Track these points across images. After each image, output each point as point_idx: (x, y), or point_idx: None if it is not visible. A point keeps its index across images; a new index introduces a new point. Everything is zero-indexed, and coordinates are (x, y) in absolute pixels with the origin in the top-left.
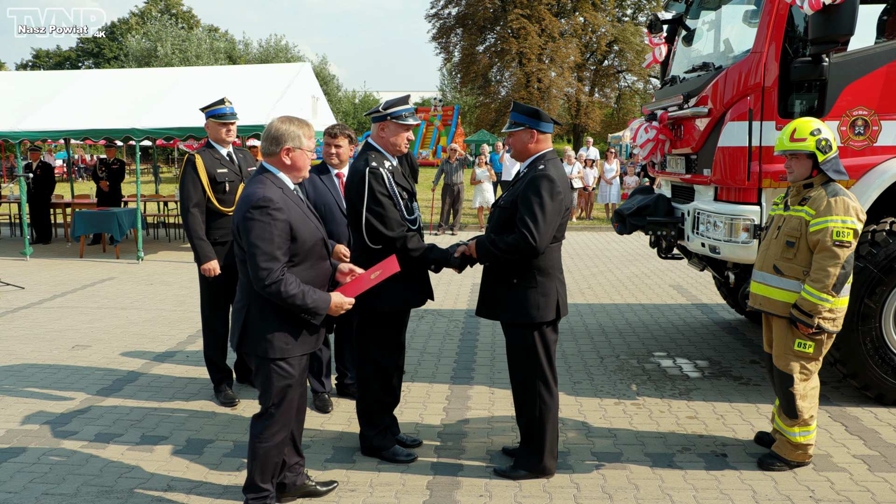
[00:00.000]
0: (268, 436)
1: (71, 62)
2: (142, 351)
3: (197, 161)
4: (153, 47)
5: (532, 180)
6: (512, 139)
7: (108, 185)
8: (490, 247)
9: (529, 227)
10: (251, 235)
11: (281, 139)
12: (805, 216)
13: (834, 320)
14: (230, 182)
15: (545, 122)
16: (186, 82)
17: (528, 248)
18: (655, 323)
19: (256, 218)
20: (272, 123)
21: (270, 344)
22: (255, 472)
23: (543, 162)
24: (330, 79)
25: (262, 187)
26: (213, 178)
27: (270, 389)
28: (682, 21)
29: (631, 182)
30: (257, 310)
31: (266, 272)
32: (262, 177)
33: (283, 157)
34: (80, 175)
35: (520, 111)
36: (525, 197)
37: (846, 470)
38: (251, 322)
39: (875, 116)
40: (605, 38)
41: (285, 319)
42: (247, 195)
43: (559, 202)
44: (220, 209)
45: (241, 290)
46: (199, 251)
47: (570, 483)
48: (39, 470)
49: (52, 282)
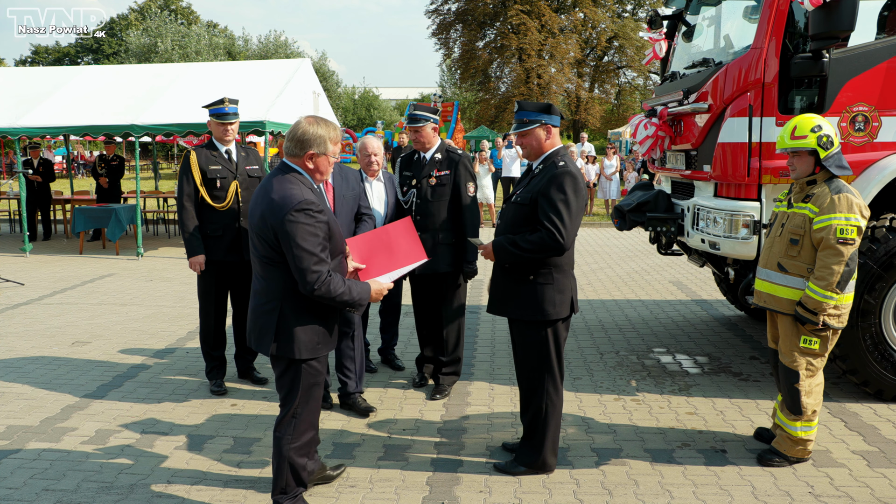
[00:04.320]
0: (296, 436)
1: (70, 58)
2: (142, 347)
3: (191, 157)
4: (153, 43)
5: (555, 177)
6: (526, 138)
7: (107, 182)
8: (511, 248)
9: (556, 224)
10: (296, 238)
11: (306, 144)
12: (809, 213)
13: (839, 316)
14: (222, 179)
15: (556, 115)
16: (186, 78)
17: (556, 246)
18: (655, 319)
19: (301, 221)
20: (300, 124)
21: (303, 345)
22: (285, 476)
23: (561, 158)
24: (329, 75)
25: (297, 188)
26: (204, 174)
27: (297, 389)
28: (682, 17)
29: (631, 178)
30: (292, 313)
31: (316, 275)
32: (291, 176)
33: (307, 162)
34: (80, 171)
35: (530, 108)
36: (548, 193)
37: (845, 466)
38: (284, 325)
39: (875, 112)
40: (605, 34)
41: (317, 320)
42: (282, 196)
43: (582, 199)
44: (212, 205)
45: (266, 292)
46: (187, 245)
47: (570, 479)
48: (40, 466)
49: (52, 278)
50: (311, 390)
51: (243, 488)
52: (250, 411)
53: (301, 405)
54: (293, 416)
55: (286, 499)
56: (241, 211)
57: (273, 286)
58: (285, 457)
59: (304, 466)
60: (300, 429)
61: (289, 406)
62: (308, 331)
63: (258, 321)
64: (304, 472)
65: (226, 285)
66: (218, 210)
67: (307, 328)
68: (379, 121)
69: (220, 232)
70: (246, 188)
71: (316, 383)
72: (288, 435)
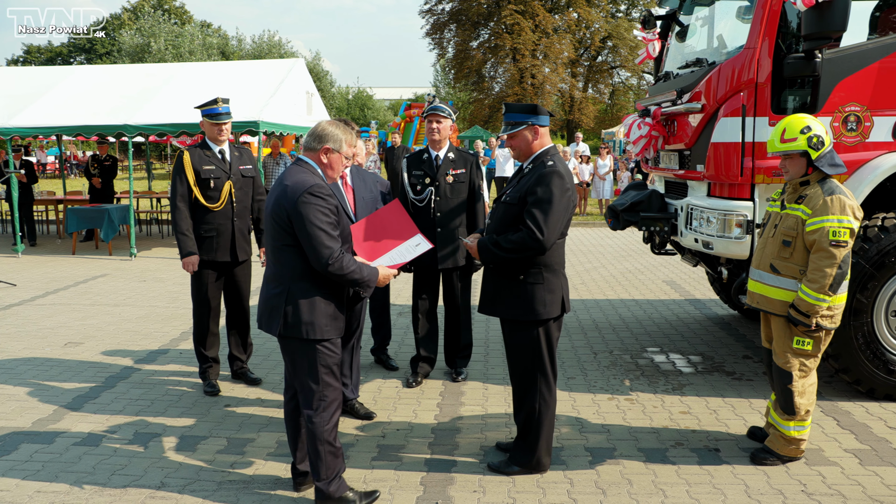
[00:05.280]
0: (327, 418)
1: (63, 58)
2: (135, 348)
3: (185, 158)
4: (146, 43)
5: (541, 176)
6: (514, 140)
7: (100, 182)
8: (493, 248)
9: (538, 224)
10: (310, 218)
11: (324, 138)
12: (801, 215)
13: (832, 317)
14: (216, 179)
15: (543, 115)
16: (179, 78)
17: (536, 246)
18: (649, 318)
19: (312, 202)
20: (321, 123)
21: (315, 326)
22: (325, 459)
23: (550, 157)
24: (323, 75)
25: (308, 175)
26: (198, 174)
27: (317, 373)
28: (676, 17)
29: (624, 178)
30: (300, 294)
31: (329, 251)
32: (305, 167)
33: (322, 156)
34: (73, 172)
35: (516, 110)
36: (534, 193)
37: (837, 464)
38: (292, 306)
39: (867, 112)
40: (599, 34)
41: (324, 303)
42: (295, 182)
43: (567, 199)
44: (205, 205)
45: (277, 276)
46: (181, 245)
47: (564, 478)
48: (32, 468)
49: (45, 279)
50: (328, 371)
51: (236, 489)
52: (244, 412)
53: (325, 387)
54: (321, 399)
55: (330, 483)
56: (234, 211)
57: (283, 270)
58: (324, 440)
59: (338, 445)
60: (330, 410)
61: (309, 390)
62: (315, 313)
63: (268, 304)
64: (340, 450)
65: (219, 286)
66: (212, 210)
67: (314, 310)
68: (373, 121)
69: (214, 232)
70: (240, 188)
71: (330, 364)
72: (321, 419)
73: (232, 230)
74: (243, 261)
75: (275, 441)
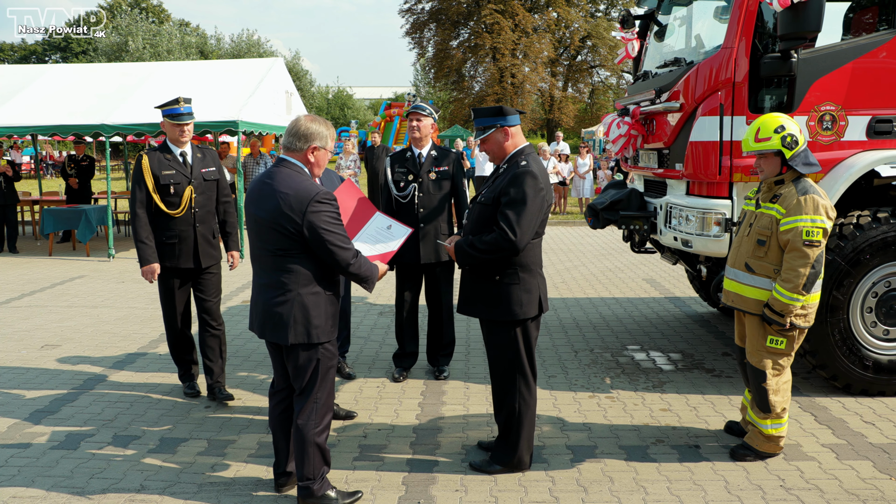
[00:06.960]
0: (319, 420)
1: (37, 56)
2: (113, 350)
3: (143, 162)
4: (123, 42)
5: (515, 177)
6: (487, 144)
7: (77, 183)
8: (469, 249)
9: (511, 224)
10: (325, 225)
11: (310, 137)
12: (776, 214)
13: (805, 316)
14: (175, 185)
15: (511, 114)
16: (157, 77)
17: (509, 246)
18: (629, 316)
19: (324, 210)
20: (300, 121)
21: (319, 329)
22: (312, 461)
23: (524, 157)
24: (303, 74)
25: (307, 181)
26: (157, 179)
27: (318, 374)
28: (654, 17)
29: (604, 176)
30: (308, 300)
31: (351, 252)
32: (294, 171)
33: (309, 155)
34: (49, 172)
35: (484, 114)
36: (507, 193)
37: (815, 459)
38: (302, 313)
39: (842, 112)
40: (579, 34)
41: (328, 304)
42: (298, 190)
43: (541, 199)
44: (166, 211)
45: (280, 284)
46: (140, 253)
47: (546, 477)
48: (7, 473)
49: (21, 280)
50: (328, 373)
51: (217, 491)
52: (224, 414)
53: (320, 390)
54: (314, 401)
55: (315, 482)
56: (196, 217)
57: (287, 277)
58: (312, 442)
59: (326, 447)
60: (321, 413)
61: (308, 393)
62: (322, 315)
63: (272, 313)
64: (328, 452)
65: (185, 291)
66: (173, 217)
67: (321, 313)
68: (353, 120)
69: (176, 239)
70: (201, 193)
71: (332, 366)
72: (312, 421)
73: (194, 236)
74: (208, 266)
75: (256, 442)
